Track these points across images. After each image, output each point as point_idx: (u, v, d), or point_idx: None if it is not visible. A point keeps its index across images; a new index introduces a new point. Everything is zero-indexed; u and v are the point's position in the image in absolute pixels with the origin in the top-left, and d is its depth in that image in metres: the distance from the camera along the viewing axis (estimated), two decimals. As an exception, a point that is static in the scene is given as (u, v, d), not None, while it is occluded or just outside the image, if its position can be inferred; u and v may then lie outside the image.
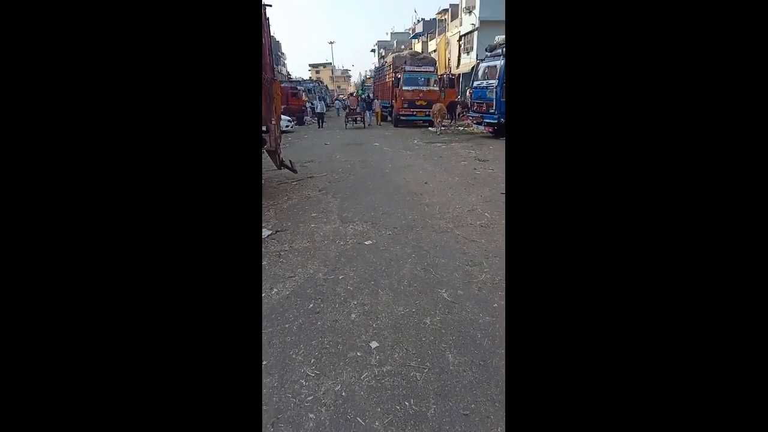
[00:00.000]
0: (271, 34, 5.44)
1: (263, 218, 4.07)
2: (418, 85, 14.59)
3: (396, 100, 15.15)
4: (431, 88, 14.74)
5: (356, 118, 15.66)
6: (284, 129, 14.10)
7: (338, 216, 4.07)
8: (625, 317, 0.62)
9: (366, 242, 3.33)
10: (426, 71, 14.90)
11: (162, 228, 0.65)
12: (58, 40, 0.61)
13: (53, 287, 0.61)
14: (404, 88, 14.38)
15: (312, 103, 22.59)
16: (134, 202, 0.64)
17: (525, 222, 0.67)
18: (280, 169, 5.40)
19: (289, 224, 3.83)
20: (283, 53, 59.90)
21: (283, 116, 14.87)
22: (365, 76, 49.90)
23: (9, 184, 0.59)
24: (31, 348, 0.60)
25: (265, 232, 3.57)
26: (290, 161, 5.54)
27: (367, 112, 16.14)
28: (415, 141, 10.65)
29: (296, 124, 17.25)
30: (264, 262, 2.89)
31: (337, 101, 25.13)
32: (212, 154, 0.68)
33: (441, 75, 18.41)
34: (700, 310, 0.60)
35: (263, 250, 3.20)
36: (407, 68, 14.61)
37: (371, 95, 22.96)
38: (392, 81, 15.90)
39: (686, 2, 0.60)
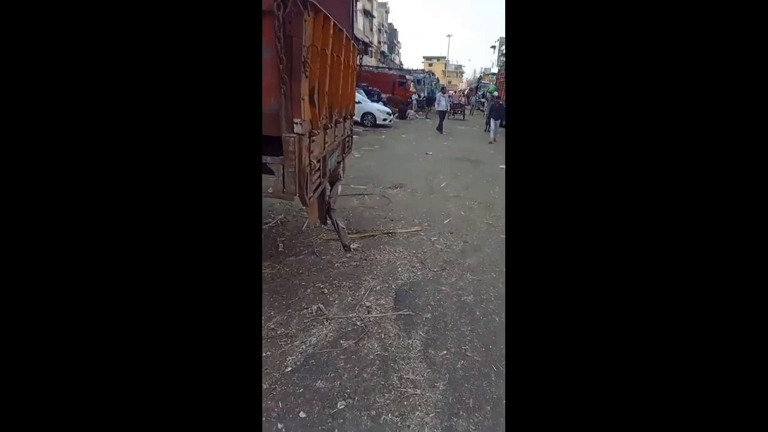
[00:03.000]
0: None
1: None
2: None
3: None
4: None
5: (457, 110, 16.18)
6: (381, 122, 11.67)
7: None
8: (623, 319, 0.62)
9: None
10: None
11: (162, 227, 0.64)
12: (63, 45, 0.60)
13: (54, 286, 0.61)
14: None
15: (419, 96, 19.77)
16: (135, 204, 0.63)
17: (525, 223, 0.68)
18: (325, 223, 2.58)
19: None
20: (398, 42, 58.49)
21: (381, 107, 12.44)
22: (482, 72, 44.79)
23: (9, 183, 0.59)
24: (31, 347, 0.60)
25: None
26: (339, 224, 2.53)
27: (493, 122, 9.99)
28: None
29: (398, 117, 14.62)
30: None
31: (442, 97, 21.65)
32: (211, 152, 0.66)
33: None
34: (694, 313, 0.60)
35: None
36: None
37: (486, 96, 18.67)
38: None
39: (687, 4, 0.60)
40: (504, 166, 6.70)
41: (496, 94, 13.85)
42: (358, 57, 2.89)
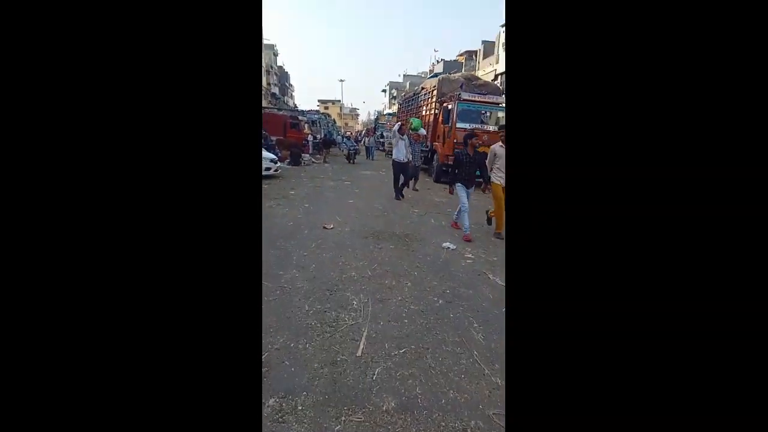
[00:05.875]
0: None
1: None
2: (479, 122, 9.21)
3: (443, 144, 9.68)
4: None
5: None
6: (263, 173, 8.63)
7: None
8: (622, 319, 0.63)
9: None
10: (493, 102, 9.57)
11: (163, 228, 0.65)
12: (68, 56, 0.61)
13: (55, 287, 0.60)
14: (459, 125, 8.94)
15: (315, 137, 17.37)
16: (136, 205, 0.64)
17: (526, 225, 0.68)
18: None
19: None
20: (291, 85, 56.89)
21: (263, 154, 9.41)
22: (377, 113, 45.71)
23: (9, 184, 0.59)
24: (32, 347, 0.59)
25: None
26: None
27: (463, 193, 4.37)
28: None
29: (290, 163, 11.72)
30: None
31: (401, 140, 19.74)
32: (212, 154, 0.67)
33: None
34: (690, 314, 0.61)
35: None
36: (464, 96, 9.28)
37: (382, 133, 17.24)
38: (435, 115, 10.59)
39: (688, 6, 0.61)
40: (450, 245, 4.15)
41: (422, 131, 8.86)
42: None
